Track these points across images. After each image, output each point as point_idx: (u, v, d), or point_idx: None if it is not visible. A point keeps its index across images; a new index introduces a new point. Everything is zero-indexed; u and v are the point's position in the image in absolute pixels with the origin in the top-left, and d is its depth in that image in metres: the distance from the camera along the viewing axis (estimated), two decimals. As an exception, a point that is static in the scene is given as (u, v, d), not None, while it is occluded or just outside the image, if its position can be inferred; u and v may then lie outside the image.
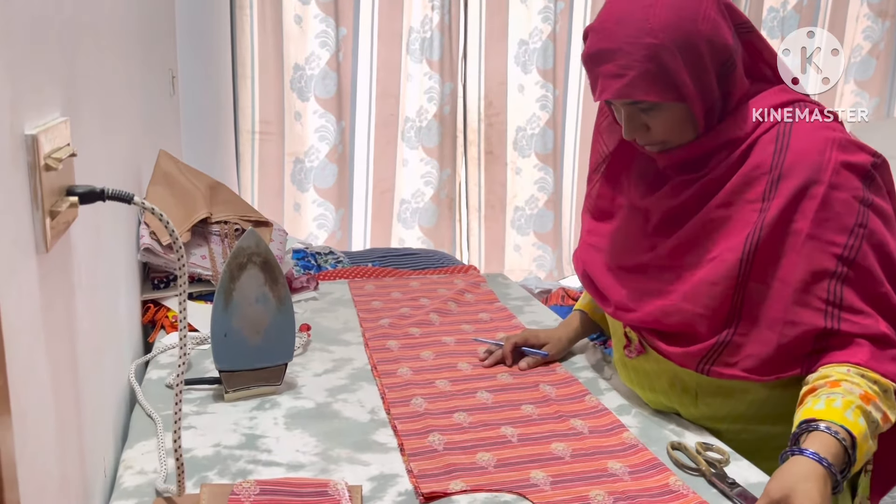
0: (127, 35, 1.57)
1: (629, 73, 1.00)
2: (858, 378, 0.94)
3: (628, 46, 0.99)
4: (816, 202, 0.99)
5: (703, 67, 1.01)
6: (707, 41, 1.00)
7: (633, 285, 1.15)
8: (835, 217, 0.99)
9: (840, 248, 0.98)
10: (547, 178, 3.78)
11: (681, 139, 1.06)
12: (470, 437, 1.07)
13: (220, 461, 1.00)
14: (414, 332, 1.46)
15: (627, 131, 1.08)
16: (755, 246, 1.01)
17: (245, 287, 1.16)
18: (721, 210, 1.05)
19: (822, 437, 0.88)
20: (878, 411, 0.92)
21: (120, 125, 1.41)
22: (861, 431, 0.89)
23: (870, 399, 0.92)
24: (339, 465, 1.00)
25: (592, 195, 1.28)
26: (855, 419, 0.89)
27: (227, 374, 1.16)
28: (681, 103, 1.02)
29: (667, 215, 1.11)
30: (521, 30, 3.63)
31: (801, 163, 1.00)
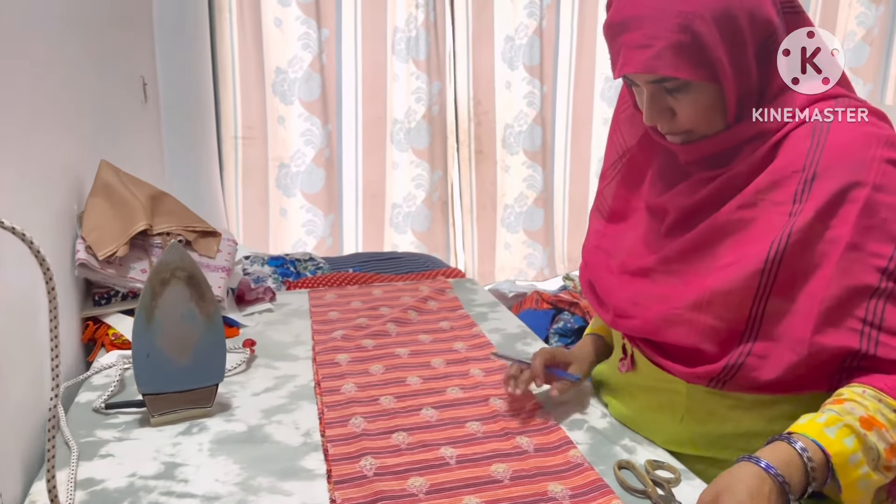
0: (75, 44, 1.52)
1: (656, 44, 0.86)
2: (871, 401, 0.81)
3: (657, 13, 0.86)
4: (858, 206, 0.85)
5: (741, 44, 0.87)
6: (748, 13, 0.86)
7: (636, 290, 1.02)
8: (880, 224, 0.84)
9: (886, 259, 0.84)
10: (535, 176, 3.70)
11: (709, 128, 0.93)
12: (405, 461, 1.00)
13: (132, 493, 0.93)
14: (367, 345, 1.39)
15: (649, 115, 0.94)
16: (781, 254, 0.86)
17: (169, 304, 1.09)
18: (742, 211, 0.91)
19: (778, 446, 0.80)
20: (883, 441, 0.79)
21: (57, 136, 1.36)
22: (840, 451, 0.78)
23: (872, 424, 0.80)
24: (258, 496, 0.93)
25: (606, 194, 1.16)
26: (838, 437, 0.79)
27: (151, 397, 1.09)
28: (713, 84, 0.89)
29: (682, 215, 0.98)
30: (507, 26, 3.56)
31: (841, 161, 0.86)
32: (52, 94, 1.37)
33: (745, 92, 0.91)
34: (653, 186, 1.06)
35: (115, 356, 1.30)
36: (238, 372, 1.28)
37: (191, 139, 3.29)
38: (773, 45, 0.90)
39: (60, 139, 1.39)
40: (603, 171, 1.17)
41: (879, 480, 0.80)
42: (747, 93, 0.91)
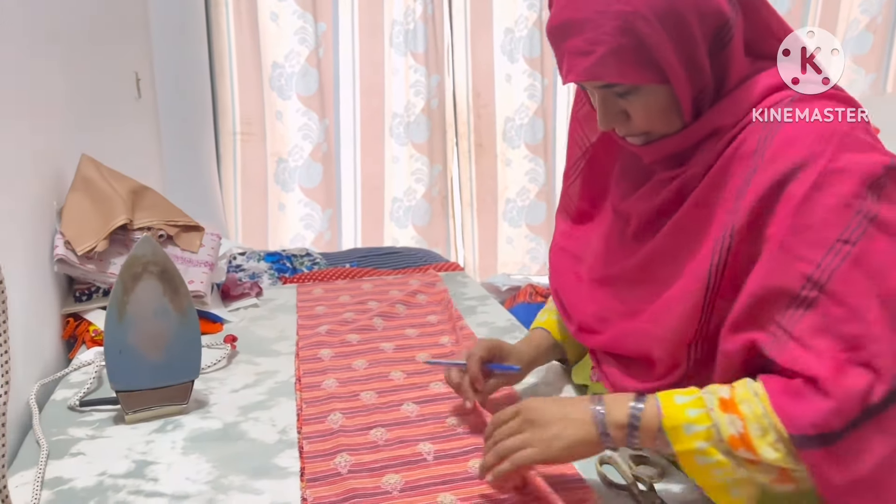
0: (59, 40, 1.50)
1: (598, 50, 0.80)
2: (747, 391, 0.76)
3: (597, 16, 0.80)
4: (793, 204, 0.77)
5: (690, 40, 0.81)
6: (695, 7, 0.80)
7: (603, 304, 0.98)
8: (815, 226, 0.76)
9: (812, 266, 0.75)
10: (537, 169, 3.67)
11: (666, 128, 0.88)
12: (381, 457, 0.97)
13: (100, 492, 0.91)
14: (351, 340, 1.36)
15: (603, 120, 0.89)
16: (725, 254, 0.81)
17: (141, 299, 1.06)
18: (697, 212, 0.86)
19: (623, 398, 0.81)
20: (733, 427, 0.74)
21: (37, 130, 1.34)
22: (676, 416, 0.76)
23: (729, 408, 0.75)
24: (228, 495, 0.90)
25: (570, 194, 1.12)
26: (683, 405, 0.77)
27: (124, 394, 1.07)
28: (663, 85, 0.83)
29: (644, 219, 0.94)
30: (506, 18, 3.52)
31: (785, 153, 0.79)
32: (34, 87, 1.35)
33: (699, 89, 0.85)
34: (617, 187, 1.01)
35: (94, 353, 1.28)
36: (218, 368, 1.26)
37: (188, 135, 3.27)
38: (728, 37, 0.83)
39: (41, 133, 1.37)
40: (566, 170, 1.13)
41: (727, 464, 0.75)
42: (702, 89, 0.85)
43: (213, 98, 3.34)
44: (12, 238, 1.18)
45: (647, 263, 0.92)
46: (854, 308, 0.73)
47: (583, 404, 0.82)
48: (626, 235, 0.97)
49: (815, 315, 0.75)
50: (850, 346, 0.73)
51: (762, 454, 0.73)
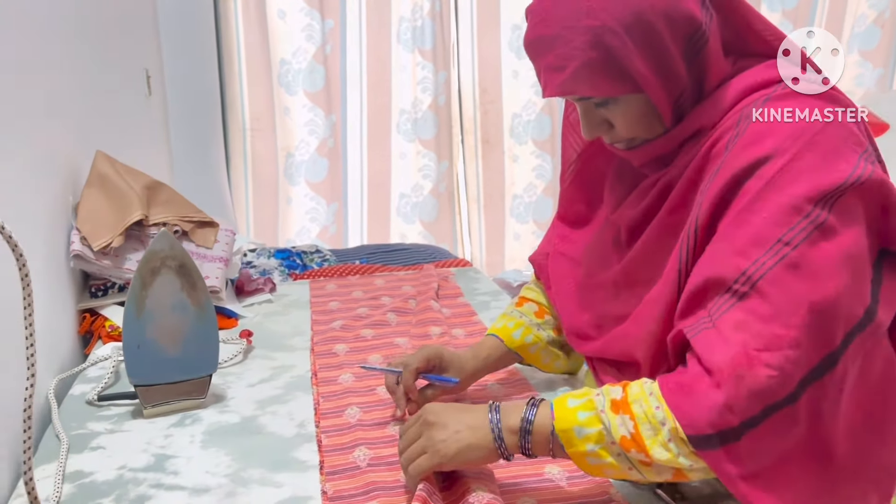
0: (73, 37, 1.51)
1: (570, 65, 0.81)
2: (640, 389, 0.77)
3: (567, 32, 0.80)
4: (746, 199, 0.77)
5: (661, 48, 0.80)
6: (664, 15, 0.79)
7: (597, 308, 0.99)
8: (759, 223, 0.75)
9: (749, 261, 0.75)
10: (545, 165, 3.67)
11: (648, 133, 0.88)
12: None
13: (120, 486, 0.92)
14: (366, 335, 1.37)
15: (586, 130, 0.90)
16: (691, 253, 0.81)
17: (159, 294, 1.07)
18: (673, 215, 0.86)
19: (518, 404, 0.82)
20: (624, 428, 0.74)
21: (53, 127, 1.34)
22: (567, 419, 0.77)
23: (621, 409, 0.76)
24: (248, 488, 0.91)
25: (567, 196, 1.12)
26: (574, 409, 0.78)
27: (143, 388, 1.07)
28: (640, 94, 0.83)
29: (631, 225, 0.94)
30: (513, 14, 3.52)
31: (749, 150, 0.78)
32: (49, 85, 1.35)
33: (677, 94, 0.85)
34: (611, 194, 1.00)
35: (111, 348, 1.29)
36: (234, 363, 1.27)
37: (197, 132, 3.28)
38: (702, 40, 0.83)
39: (57, 130, 1.38)
40: (561, 173, 1.13)
41: (617, 466, 0.76)
42: (681, 94, 0.85)
43: (222, 94, 3.35)
44: (29, 233, 1.19)
45: (631, 267, 0.93)
46: (780, 310, 0.73)
47: (481, 411, 0.83)
48: (618, 241, 0.98)
49: (741, 309, 0.74)
50: (766, 346, 0.72)
51: (654, 455, 0.73)
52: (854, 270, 0.75)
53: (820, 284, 0.73)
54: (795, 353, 0.72)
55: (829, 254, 0.74)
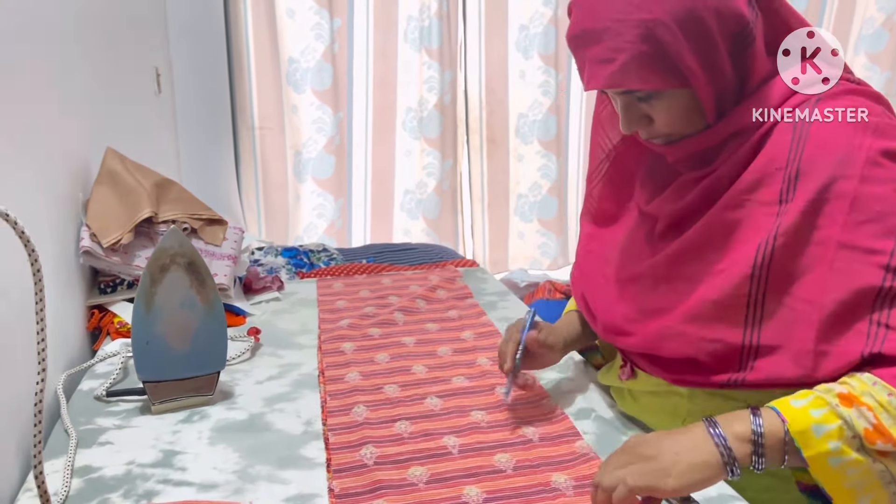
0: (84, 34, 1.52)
1: (620, 57, 0.81)
2: (861, 382, 0.75)
3: (617, 25, 0.80)
4: (847, 202, 0.78)
5: (711, 44, 0.81)
6: (714, 11, 0.80)
7: (631, 304, 0.98)
8: (875, 218, 0.77)
9: (887, 255, 0.76)
10: (550, 165, 3.67)
11: (688, 129, 0.88)
12: (406, 450, 0.98)
13: (128, 481, 0.92)
14: (373, 333, 1.37)
15: (626, 124, 0.90)
16: (769, 258, 0.82)
17: (168, 291, 1.07)
18: (729, 212, 0.86)
19: (738, 413, 0.76)
20: (864, 420, 0.72)
21: (64, 124, 1.35)
22: (801, 419, 0.73)
23: (853, 402, 0.73)
24: (255, 485, 0.91)
25: (594, 196, 1.11)
26: (804, 408, 0.74)
27: (151, 384, 1.08)
28: (685, 89, 0.84)
29: (672, 220, 0.94)
30: (521, 14, 3.52)
31: (824, 154, 0.80)
32: (63, 83, 1.36)
33: (721, 91, 0.86)
34: (643, 188, 1.01)
35: (119, 344, 1.30)
36: (242, 360, 1.27)
37: (206, 130, 3.29)
38: (749, 38, 0.84)
39: (68, 127, 1.39)
40: (589, 173, 1.13)
41: (863, 462, 0.73)
42: (724, 90, 0.86)
43: (232, 93, 3.36)
44: (40, 229, 1.20)
45: (675, 261, 0.92)
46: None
47: (696, 429, 0.77)
48: (653, 235, 0.98)
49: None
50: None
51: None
52: None
53: None
54: None
55: None
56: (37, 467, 0.74)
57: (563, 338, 1.10)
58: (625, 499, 0.73)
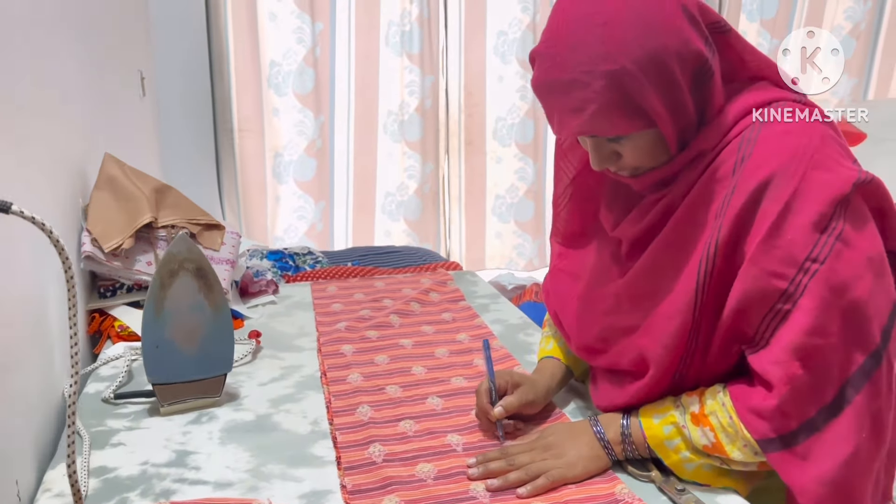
0: (76, 38, 1.53)
1: (589, 108, 0.84)
2: (713, 402, 0.89)
3: (585, 76, 0.83)
4: (768, 223, 0.84)
5: (674, 85, 0.85)
6: (676, 55, 0.84)
7: (603, 322, 1.03)
8: (785, 245, 0.83)
9: (785, 282, 0.83)
10: (527, 168, 3.74)
11: (654, 163, 0.93)
12: (412, 448, 1.02)
13: (144, 480, 0.95)
14: (371, 336, 1.41)
15: (596, 162, 0.94)
16: (708, 275, 0.88)
17: (177, 295, 1.10)
18: (681, 229, 0.92)
19: (614, 418, 0.97)
20: (705, 438, 0.89)
21: (61, 129, 1.36)
22: (656, 435, 0.92)
23: (700, 421, 0.89)
24: (269, 482, 0.95)
25: (562, 218, 1.17)
26: (659, 425, 0.93)
27: (160, 387, 1.11)
28: (651, 129, 0.88)
29: (634, 241, 0.99)
30: (499, 20, 3.58)
31: (758, 176, 0.85)
32: (55, 88, 1.37)
33: (683, 125, 0.90)
34: (609, 213, 1.04)
35: (122, 347, 1.32)
36: (244, 363, 1.30)
37: (188, 133, 3.29)
38: (708, 74, 0.88)
39: (64, 132, 1.40)
40: (554, 198, 1.18)
41: (708, 462, 0.90)
42: (687, 124, 0.90)
43: (213, 96, 3.37)
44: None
45: (637, 280, 0.97)
46: (818, 322, 0.82)
47: (588, 432, 0.97)
48: (619, 256, 1.03)
49: (786, 327, 0.83)
50: (808, 356, 0.82)
51: (734, 457, 0.88)
52: (877, 269, 0.85)
53: (849, 292, 0.82)
54: (837, 357, 0.83)
55: (853, 261, 0.83)
56: (70, 466, 0.77)
57: (544, 389, 1.10)
58: (542, 488, 0.92)
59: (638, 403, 0.97)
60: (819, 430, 0.83)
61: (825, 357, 0.83)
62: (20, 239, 1.03)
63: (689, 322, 0.90)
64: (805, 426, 0.83)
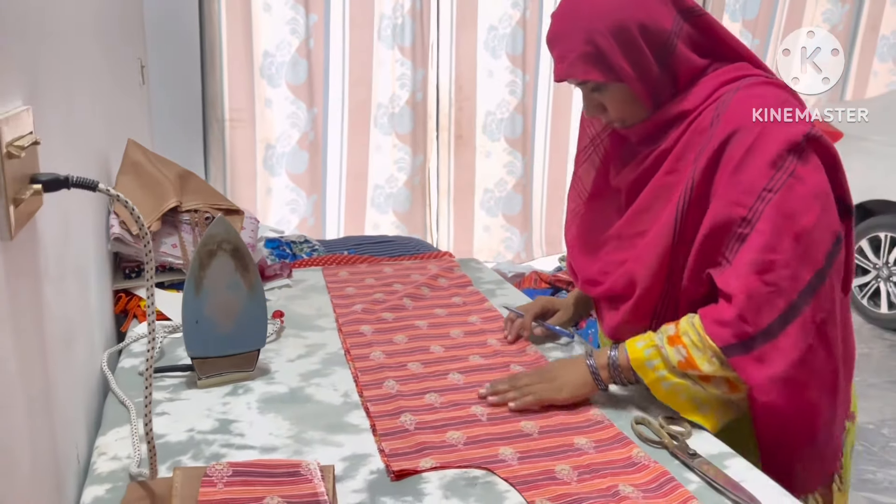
0: (93, 23, 1.57)
1: (570, 56, 1.08)
2: (688, 325, 1.05)
3: (570, 31, 1.08)
4: (733, 164, 1.02)
5: (637, 50, 1.06)
6: (639, 25, 1.06)
7: (604, 258, 1.21)
8: (746, 180, 1.01)
9: (745, 209, 1.01)
10: (515, 163, 3.81)
11: (636, 117, 1.13)
12: (440, 417, 1.09)
13: (193, 446, 1.01)
14: (387, 317, 1.48)
15: (586, 110, 1.18)
16: (686, 207, 1.07)
17: (215, 274, 1.16)
18: (668, 177, 1.11)
19: (605, 349, 1.13)
20: (679, 355, 1.03)
21: (87, 114, 1.41)
22: (638, 357, 1.07)
23: (675, 341, 1.04)
24: (311, 447, 1.02)
25: (579, 175, 1.34)
26: (641, 348, 1.07)
27: (199, 360, 1.17)
28: (621, 83, 1.09)
29: (630, 188, 1.18)
30: (490, 15, 3.64)
31: (729, 126, 1.03)
32: (82, 78, 1.42)
33: (652, 86, 1.10)
34: (613, 165, 1.24)
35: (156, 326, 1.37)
36: (270, 341, 1.36)
37: (178, 121, 3.33)
38: (670, 46, 1.08)
39: (93, 117, 1.45)
40: (576, 155, 1.35)
41: (685, 385, 1.05)
42: (656, 86, 1.10)
43: (203, 85, 3.40)
44: (82, 216, 1.27)
45: (632, 220, 1.16)
46: (772, 241, 0.99)
47: (581, 361, 1.13)
48: (619, 206, 1.22)
49: (745, 247, 1.01)
50: (765, 269, 0.99)
51: (704, 369, 1.02)
52: (822, 204, 1.02)
53: (799, 217, 1.00)
54: (788, 272, 0.99)
55: (803, 194, 1.00)
56: (147, 425, 0.83)
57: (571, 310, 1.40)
58: (531, 404, 1.10)
59: (630, 318, 1.16)
60: (774, 336, 0.99)
61: (778, 272, 0.99)
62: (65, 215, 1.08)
63: (669, 247, 1.08)
64: (761, 333, 0.99)
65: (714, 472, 0.95)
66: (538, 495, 0.91)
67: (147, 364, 0.83)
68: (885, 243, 3.66)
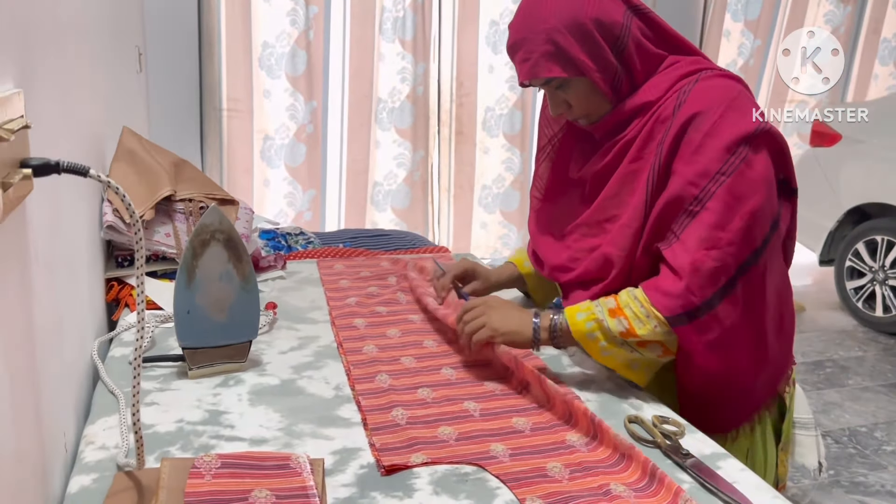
0: (91, 9, 1.56)
1: (533, 56, 1.14)
2: (629, 297, 1.12)
3: (531, 34, 1.14)
4: (692, 146, 1.09)
5: (594, 43, 1.12)
6: (594, 20, 1.11)
7: (574, 246, 1.27)
8: (702, 163, 1.09)
9: (697, 189, 1.08)
10: (514, 159, 3.80)
11: (599, 111, 1.19)
12: (433, 412, 1.08)
13: (182, 437, 1.01)
14: (381, 311, 1.47)
15: (552, 108, 1.22)
16: (653, 188, 1.14)
17: (208, 264, 1.15)
18: (633, 164, 1.17)
19: (549, 312, 1.19)
20: (621, 326, 1.11)
21: (82, 100, 1.40)
22: (579, 329, 1.14)
23: (616, 314, 1.12)
24: (302, 440, 1.01)
25: (539, 174, 1.38)
26: (582, 320, 1.14)
27: (190, 351, 1.16)
28: (583, 77, 1.14)
29: (595, 179, 1.23)
30: (492, 10, 3.63)
31: (688, 113, 1.10)
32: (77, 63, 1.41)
33: (612, 79, 1.16)
34: (576, 163, 1.29)
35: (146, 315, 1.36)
36: (263, 332, 1.35)
37: (175, 110, 3.31)
38: (624, 38, 1.14)
39: (87, 103, 1.43)
40: (536, 154, 1.39)
41: (623, 352, 1.13)
42: (615, 79, 1.16)
43: (200, 74, 3.38)
44: (75, 203, 1.26)
45: (600, 207, 1.22)
46: (721, 219, 1.08)
47: (528, 313, 1.20)
48: (584, 197, 1.27)
49: (695, 223, 1.09)
50: (713, 245, 1.08)
51: (642, 335, 1.10)
52: (768, 190, 1.11)
53: (747, 200, 1.08)
54: (732, 249, 1.08)
55: (752, 179, 1.09)
56: (134, 415, 0.82)
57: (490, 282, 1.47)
58: (484, 339, 1.19)
59: (600, 296, 1.19)
60: (714, 308, 1.09)
61: (724, 249, 1.08)
62: (58, 202, 1.07)
63: (640, 228, 1.15)
64: (705, 304, 1.08)
65: (706, 472, 0.94)
66: (529, 493, 0.90)
67: (136, 353, 0.82)
68: (882, 246, 3.65)
